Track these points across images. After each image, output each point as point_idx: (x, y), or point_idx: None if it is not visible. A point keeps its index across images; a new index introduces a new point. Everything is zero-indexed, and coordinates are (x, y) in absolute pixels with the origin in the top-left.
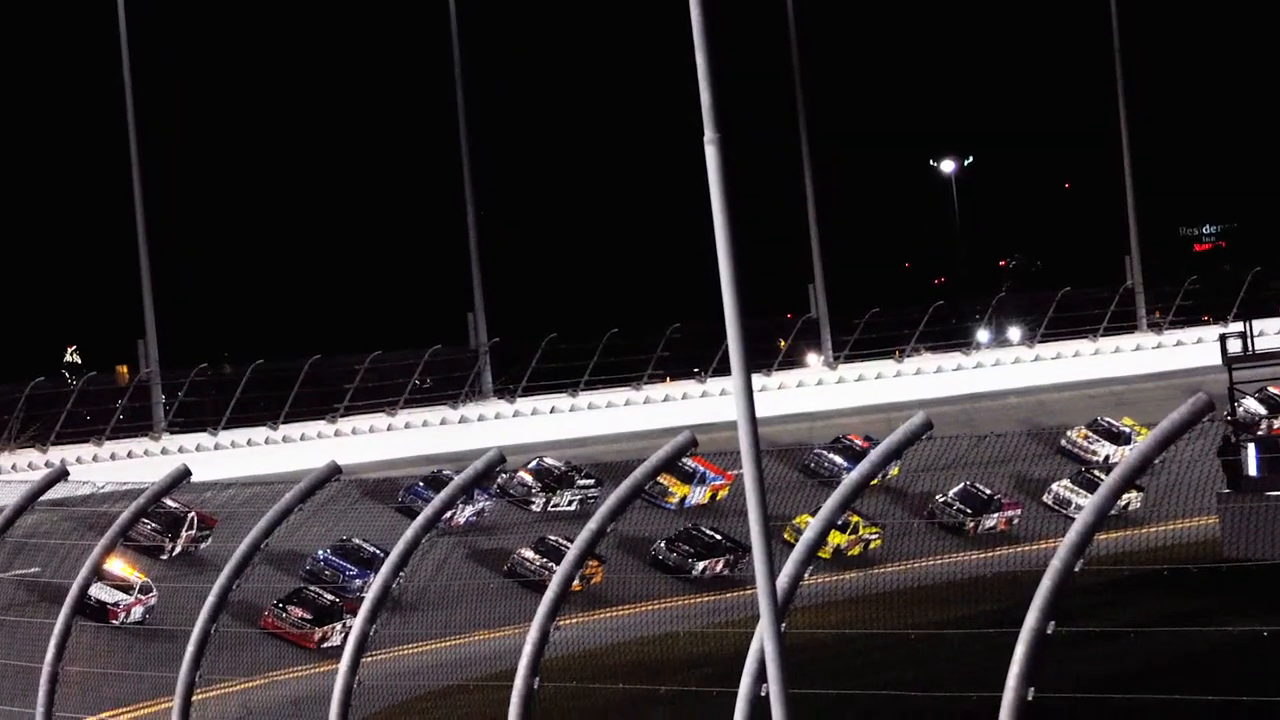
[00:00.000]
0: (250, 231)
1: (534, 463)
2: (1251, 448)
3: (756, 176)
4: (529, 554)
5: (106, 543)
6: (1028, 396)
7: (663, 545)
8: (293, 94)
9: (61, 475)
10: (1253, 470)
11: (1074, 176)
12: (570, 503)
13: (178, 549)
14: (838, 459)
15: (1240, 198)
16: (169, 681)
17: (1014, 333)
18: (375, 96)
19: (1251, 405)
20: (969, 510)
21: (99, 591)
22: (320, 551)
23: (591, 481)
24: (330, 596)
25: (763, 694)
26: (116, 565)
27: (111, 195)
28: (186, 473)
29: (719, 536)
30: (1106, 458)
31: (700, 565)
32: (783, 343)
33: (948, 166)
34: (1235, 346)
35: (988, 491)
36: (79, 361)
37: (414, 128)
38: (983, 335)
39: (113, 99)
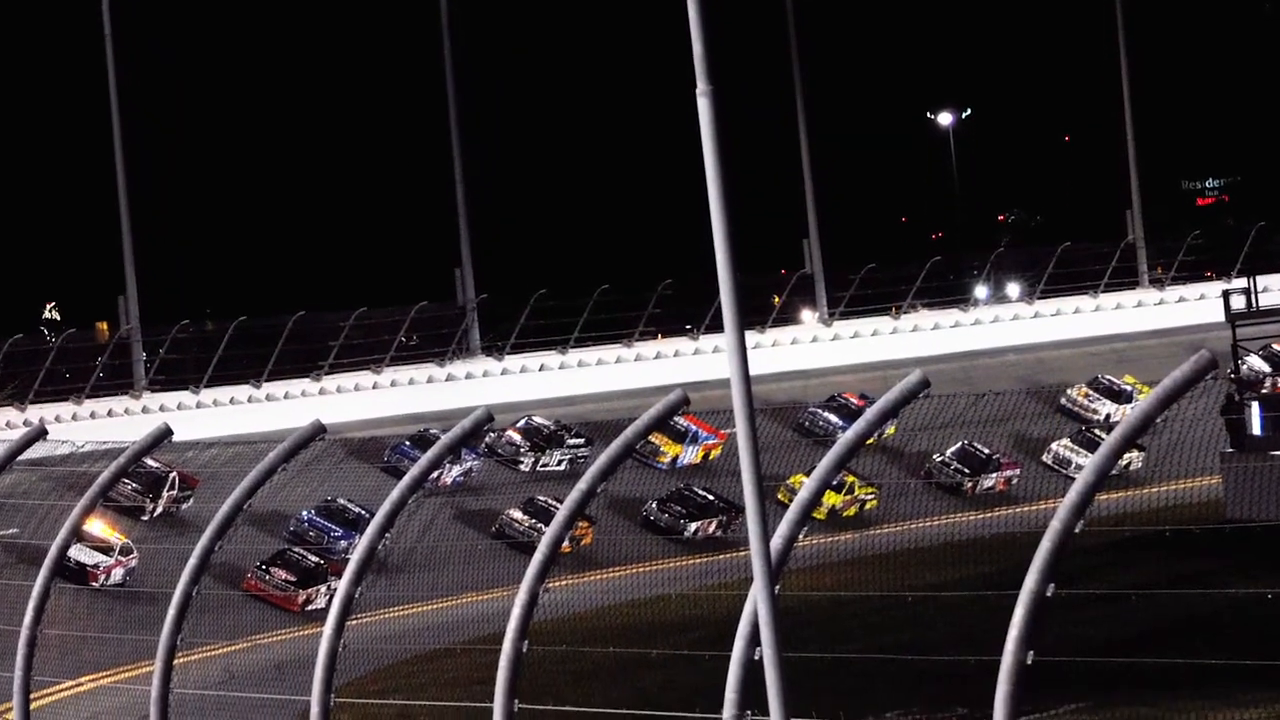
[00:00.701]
0: (233, 185)
1: (523, 421)
2: (1255, 406)
3: (750, 129)
4: (517, 515)
5: (86, 503)
6: (1027, 354)
7: (654, 506)
8: (276, 46)
9: (40, 434)
10: (1256, 429)
11: (1074, 129)
12: (560, 462)
13: (159, 509)
14: (833, 417)
15: (1244, 150)
16: (150, 645)
17: (1013, 289)
18: (360, 49)
19: (1255, 363)
20: (967, 470)
21: (78, 553)
22: (304, 512)
23: (581, 441)
24: (314, 558)
25: (756, 658)
26: (96, 526)
27: (92, 148)
28: (168, 432)
29: (711, 497)
30: (1107, 416)
31: (692, 526)
32: (777, 299)
33: (945, 119)
34: (1239, 303)
35: (986, 451)
36: (58, 318)
37: (400, 80)
38: (981, 291)
39: (92, 52)
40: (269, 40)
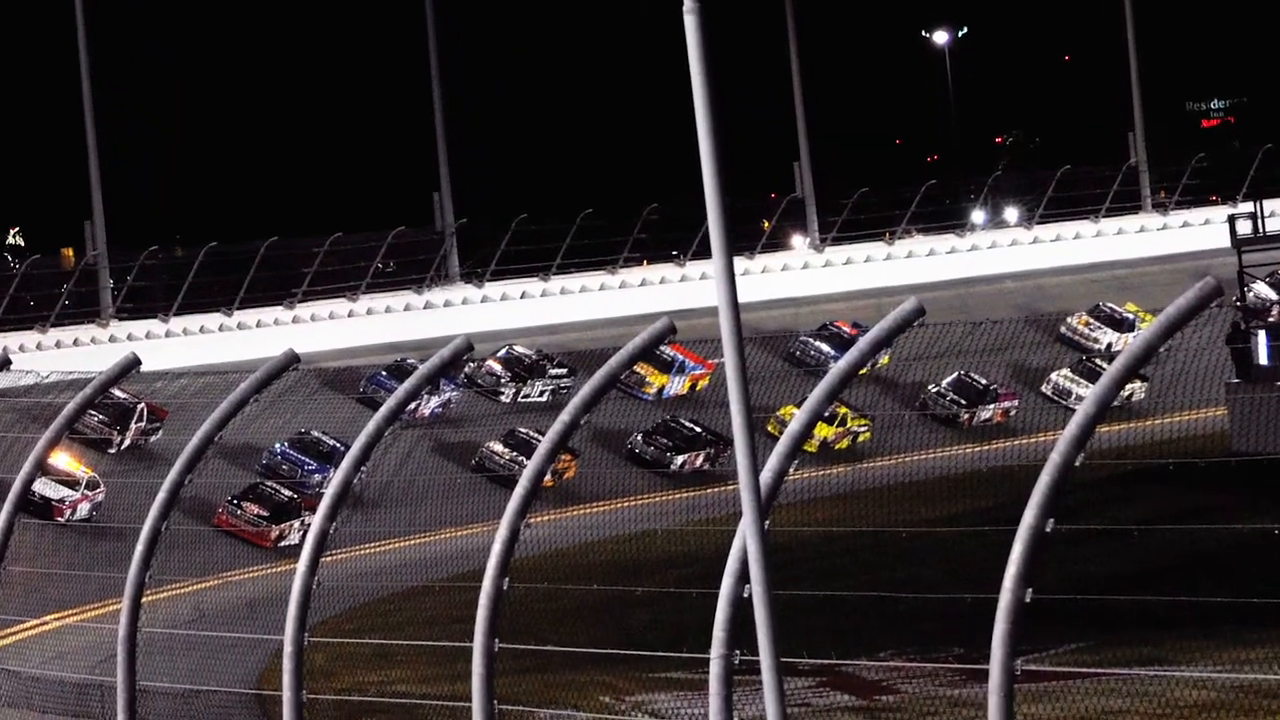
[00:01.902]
0: (204, 105)
1: (503, 351)
2: (1262, 335)
3: (739, 47)
4: (498, 447)
5: (51, 435)
6: (1025, 281)
7: (639, 438)
8: None
9: (4, 364)
10: (1263, 359)
11: (1074, 48)
12: (542, 393)
13: (126, 442)
14: (824, 347)
15: (1250, 71)
16: (117, 582)
17: (1011, 213)
18: None
19: (1262, 290)
20: (963, 401)
21: (43, 487)
22: (277, 445)
23: (564, 371)
24: (288, 492)
25: (745, 595)
26: (62, 459)
27: (57, 68)
28: (136, 361)
29: (699, 429)
30: (1109, 345)
31: (679, 459)
32: (766, 224)
33: (941, 37)
34: (1245, 228)
35: (983, 381)
36: (22, 244)
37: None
38: (978, 216)
39: None
40: None
